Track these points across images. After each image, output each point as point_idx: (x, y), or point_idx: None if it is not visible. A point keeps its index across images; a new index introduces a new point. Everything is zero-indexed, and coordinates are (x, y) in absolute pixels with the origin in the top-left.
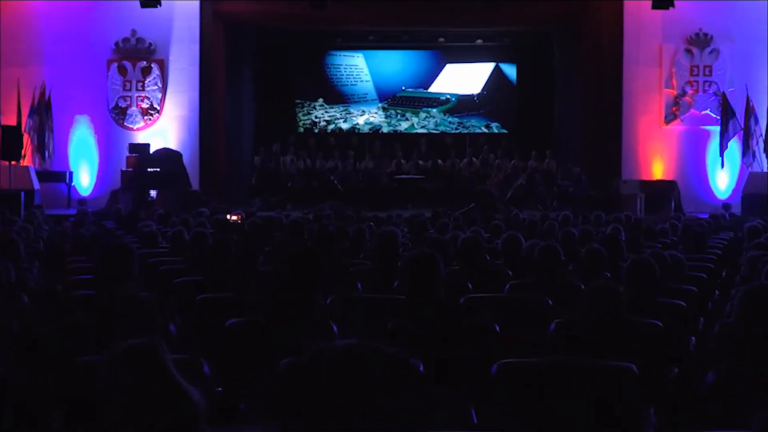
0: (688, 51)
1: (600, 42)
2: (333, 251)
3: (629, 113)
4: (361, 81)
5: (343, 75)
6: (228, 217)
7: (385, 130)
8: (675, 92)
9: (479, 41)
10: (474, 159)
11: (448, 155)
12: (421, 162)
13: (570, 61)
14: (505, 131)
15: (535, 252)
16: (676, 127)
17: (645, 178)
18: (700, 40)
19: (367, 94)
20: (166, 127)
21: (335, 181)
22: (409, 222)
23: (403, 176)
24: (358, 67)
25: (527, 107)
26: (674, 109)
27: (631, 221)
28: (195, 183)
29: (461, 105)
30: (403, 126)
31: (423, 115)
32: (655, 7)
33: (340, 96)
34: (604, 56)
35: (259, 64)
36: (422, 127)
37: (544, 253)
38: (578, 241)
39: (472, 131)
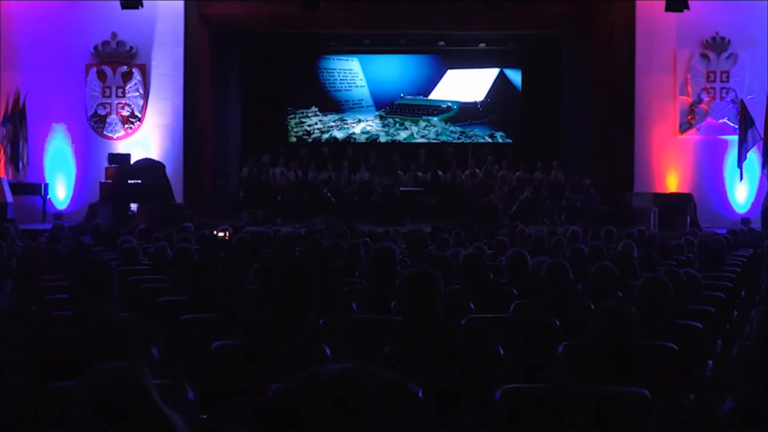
0: (704, 56)
1: (611, 46)
2: (326, 269)
3: (642, 122)
4: (356, 86)
5: (336, 80)
6: (214, 232)
7: (382, 139)
8: (690, 100)
9: (482, 45)
10: (477, 170)
11: (449, 166)
12: (420, 174)
13: (579, 67)
14: (509, 141)
15: (542, 270)
16: (692, 136)
17: (659, 191)
18: (717, 45)
19: (362, 100)
20: (148, 136)
21: (328, 194)
22: (408, 238)
23: (402, 188)
24: (352, 72)
25: (533, 115)
26: (690, 117)
27: (644, 237)
28: (179, 196)
29: (463, 113)
30: (402, 135)
31: (423, 123)
32: (668, 9)
33: (334, 103)
34: (615, 61)
35: (247, 69)
36: (422, 136)
37: (551, 271)
38: (588, 258)
39: (475, 141)
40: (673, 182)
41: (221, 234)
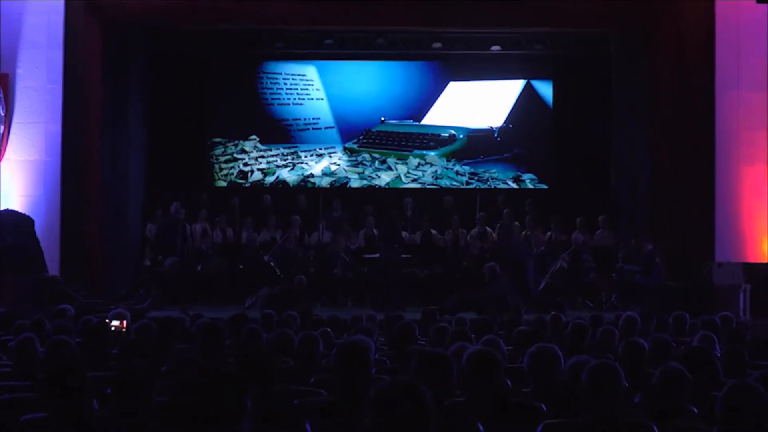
0: None
1: (681, 53)
2: (267, 373)
3: (726, 160)
4: (310, 98)
5: (282, 88)
6: (105, 320)
7: (355, 184)
8: None
9: (496, 48)
10: (488, 229)
11: (447, 223)
12: (405, 234)
13: (635, 81)
14: (544, 187)
15: (583, 374)
16: None
17: (751, 260)
18: None
19: (319, 119)
20: (10, 179)
21: (271, 263)
22: (387, 327)
23: (376, 256)
24: (305, 79)
25: (569, 149)
26: None
27: (730, 327)
28: (53, 265)
29: (474, 146)
30: (384, 179)
31: (414, 161)
32: (761, 0)
33: (279, 127)
34: (687, 74)
35: (157, 81)
36: (414, 180)
37: (596, 376)
38: (650, 357)
39: (492, 186)
40: None
41: (115, 322)
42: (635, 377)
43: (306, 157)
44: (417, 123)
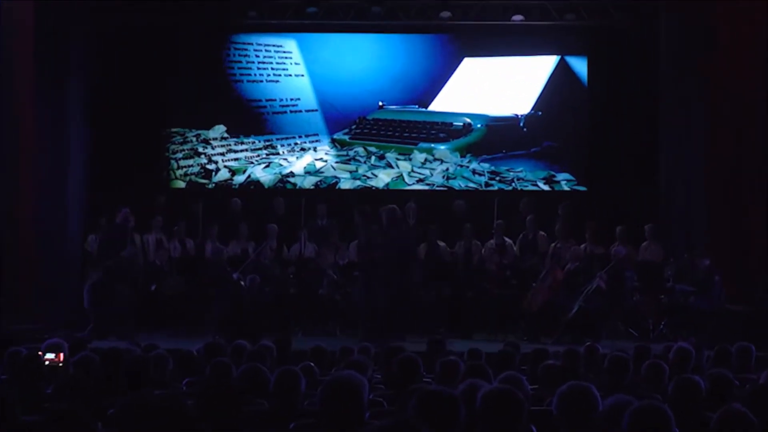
0: None
1: (742, 28)
2: (235, 416)
3: None
4: (288, 74)
5: (254, 61)
6: (38, 352)
7: (345, 185)
8: None
9: (518, 18)
10: (507, 240)
11: (459, 232)
12: None
13: (687, 59)
14: (583, 189)
15: (624, 419)
16: None
17: None
18: None
19: (299, 100)
20: None
21: (242, 283)
22: (384, 360)
23: (370, 271)
24: (282, 51)
25: (607, 141)
26: None
27: None
28: None
29: (495, 137)
30: (383, 179)
31: (421, 156)
32: None
33: (253, 118)
34: (750, 54)
35: (101, 60)
36: (419, 180)
37: (640, 420)
38: (707, 398)
39: (519, 188)
40: None
41: (50, 354)
42: (689, 422)
43: (284, 151)
44: (423, 109)
